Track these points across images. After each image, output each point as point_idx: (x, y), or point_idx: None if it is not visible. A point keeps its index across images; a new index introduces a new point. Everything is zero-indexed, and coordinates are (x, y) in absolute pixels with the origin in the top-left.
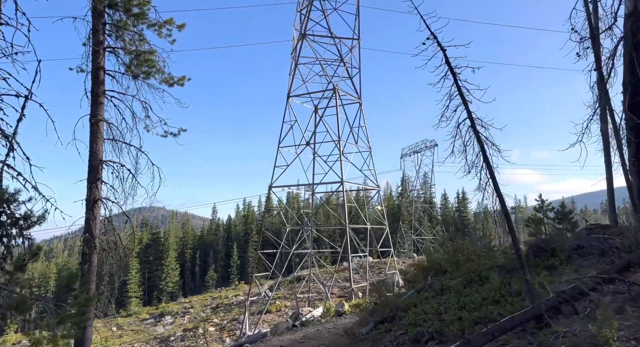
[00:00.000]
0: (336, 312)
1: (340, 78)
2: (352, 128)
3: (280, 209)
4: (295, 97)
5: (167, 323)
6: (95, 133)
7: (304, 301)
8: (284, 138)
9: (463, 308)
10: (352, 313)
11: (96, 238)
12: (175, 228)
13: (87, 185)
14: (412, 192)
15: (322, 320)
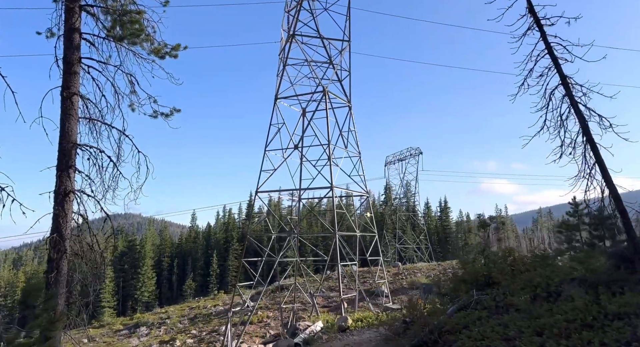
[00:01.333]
0: (339, 328)
1: (330, 81)
2: (342, 132)
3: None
4: (283, 99)
5: (142, 335)
6: (67, 110)
7: (288, 312)
8: (271, 141)
9: (542, 333)
10: (358, 329)
11: (66, 240)
12: (152, 235)
13: (56, 173)
14: (395, 200)
15: (324, 336)
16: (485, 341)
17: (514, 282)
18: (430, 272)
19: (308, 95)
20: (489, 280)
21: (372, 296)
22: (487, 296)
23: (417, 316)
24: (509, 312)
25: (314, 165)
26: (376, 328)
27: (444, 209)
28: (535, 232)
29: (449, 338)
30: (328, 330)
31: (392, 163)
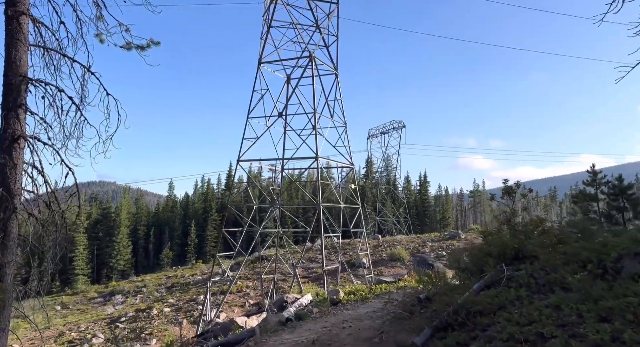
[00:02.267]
0: (330, 301)
1: (317, 46)
2: (328, 101)
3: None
4: (267, 64)
5: (118, 303)
6: (14, 33)
7: (268, 282)
8: (253, 108)
9: (609, 319)
10: (351, 303)
11: (16, 196)
12: (127, 204)
13: (0, 113)
14: (376, 173)
15: (315, 310)
16: (532, 326)
17: (554, 256)
18: (409, 244)
19: (293, 61)
20: (519, 253)
21: (352, 268)
22: (521, 272)
23: (434, 292)
24: (554, 291)
25: (298, 134)
26: (375, 301)
27: (424, 183)
28: None
29: (480, 321)
30: (318, 303)
31: (374, 136)
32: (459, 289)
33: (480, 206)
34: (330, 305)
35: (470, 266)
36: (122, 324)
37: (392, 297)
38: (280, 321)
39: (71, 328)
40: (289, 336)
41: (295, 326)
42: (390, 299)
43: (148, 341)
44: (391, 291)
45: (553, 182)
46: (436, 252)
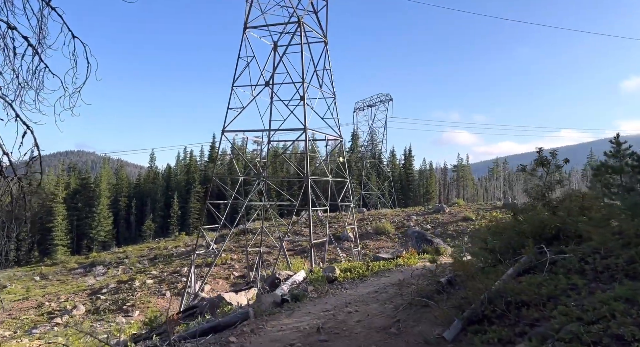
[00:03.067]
0: (328, 278)
1: (305, 11)
2: (317, 70)
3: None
4: (253, 29)
5: (99, 274)
6: None
7: (254, 255)
8: (239, 76)
9: None
10: (348, 280)
11: None
12: (107, 174)
13: None
14: (362, 147)
15: (310, 288)
16: (602, 325)
17: (607, 237)
18: (394, 218)
19: (280, 27)
20: (560, 233)
21: (338, 241)
22: (567, 256)
23: (469, 277)
24: (618, 279)
25: (286, 104)
26: (374, 280)
27: (408, 157)
28: (491, 180)
29: (526, 314)
30: (313, 281)
31: (361, 109)
32: (489, 273)
33: (464, 180)
34: (325, 282)
35: (501, 246)
36: (103, 295)
37: (394, 276)
38: (275, 301)
39: (51, 299)
40: (288, 320)
41: (293, 309)
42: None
43: (130, 313)
44: (390, 268)
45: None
46: (421, 226)
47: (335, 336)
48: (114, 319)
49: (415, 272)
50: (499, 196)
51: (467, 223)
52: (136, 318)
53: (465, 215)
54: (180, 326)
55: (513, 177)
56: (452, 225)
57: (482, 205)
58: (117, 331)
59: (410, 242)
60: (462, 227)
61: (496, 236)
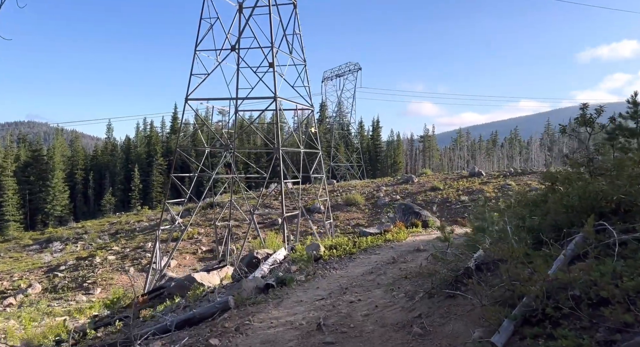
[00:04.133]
0: (312, 256)
1: None
2: (286, 35)
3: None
4: None
5: (56, 250)
6: None
7: (222, 229)
8: (202, 40)
9: None
10: (334, 258)
11: None
12: (61, 146)
13: None
14: (330, 118)
15: (294, 268)
16: None
17: None
18: (364, 189)
19: None
20: (620, 207)
21: (309, 213)
22: None
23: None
24: None
25: (254, 71)
26: (363, 258)
27: (376, 128)
28: (455, 150)
29: (610, 315)
30: (297, 261)
31: (329, 79)
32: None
33: (430, 150)
34: (309, 261)
35: (543, 224)
36: (61, 272)
37: (385, 253)
38: (258, 287)
39: (2, 277)
40: (278, 312)
41: (281, 296)
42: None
43: (92, 290)
44: (379, 244)
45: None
46: (390, 196)
47: (342, 337)
48: (73, 298)
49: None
50: (462, 166)
51: (435, 192)
52: (98, 296)
53: (433, 185)
54: (146, 311)
55: (476, 147)
56: (421, 195)
57: (449, 174)
58: (77, 311)
59: (397, 215)
60: (431, 196)
61: (535, 211)
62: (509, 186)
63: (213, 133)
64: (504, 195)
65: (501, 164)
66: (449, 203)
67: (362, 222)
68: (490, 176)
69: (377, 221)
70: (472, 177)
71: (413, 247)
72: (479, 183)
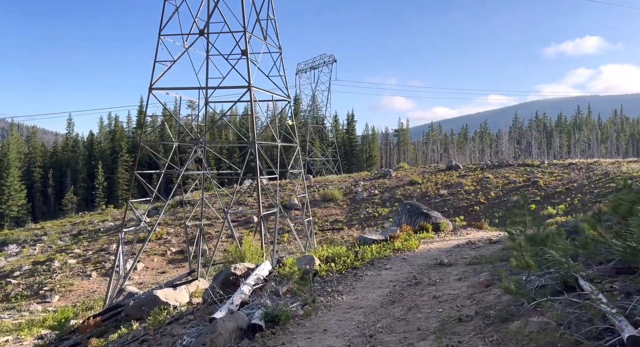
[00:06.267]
0: (304, 273)
1: None
2: (260, 19)
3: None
4: None
5: (11, 254)
6: None
7: (193, 228)
8: (166, 23)
9: None
10: (333, 274)
11: None
12: (16, 142)
13: None
14: (304, 112)
15: (282, 289)
16: None
17: None
18: (341, 184)
19: None
20: None
21: (285, 210)
22: None
23: None
24: None
25: (226, 58)
26: (372, 274)
27: (351, 122)
28: (428, 144)
29: None
30: (286, 278)
31: (303, 71)
32: None
33: (404, 144)
34: (302, 278)
35: None
36: (15, 279)
37: (398, 268)
38: (239, 328)
39: None
40: None
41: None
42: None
43: (49, 298)
44: (387, 255)
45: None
46: (369, 191)
47: None
48: (27, 307)
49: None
50: (436, 159)
51: (414, 187)
52: (55, 304)
53: (411, 179)
54: (95, 341)
55: (449, 141)
56: (400, 189)
57: (426, 168)
58: (27, 326)
59: (402, 216)
60: (409, 191)
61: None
62: (487, 178)
63: (182, 126)
64: (483, 188)
65: (473, 157)
66: (428, 197)
67: (341, 218)
68: (468, 169)
69: (356, 217)
70: (449, 170)
71: (431, 258)
72: (457, 176)
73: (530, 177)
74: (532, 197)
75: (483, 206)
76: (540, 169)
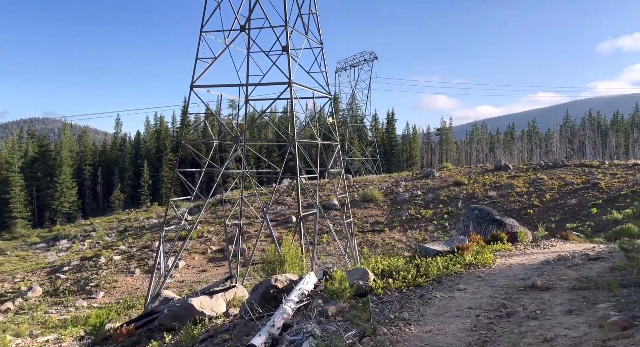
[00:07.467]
0: (357, 290)
1: None
2: (302, 14)
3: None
4: None
5: (62, 249)
6: None
7: (232, 227)
8: (208, 20)
9: None
10: (392, 292)
11: None
12: (69, 141)
13: None
14: (343, 111)
15: (331, 309)
16: None
17: None
18: (381, 184)
19: None
20: None
21: (324, 210)
22: None
23: None
24: None
25: (266, 54)
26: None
27: (391, 121)
28: (471, 144)
29: None
30: (334, 295)
31: (343, 70)
32: None
33: (447, 144)
34: (354, 296)
35: None
36: (64, 274)
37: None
38: None
39: (4, 279)
40: None
41: None
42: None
43: (94, 294)
44: (458, 271)
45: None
46: (411, 192)
47: None
48: (74, 303)
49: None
50: (482, 159)
51: (460, 188)
52: (100, 300)
53: (456, 179)
54: None
55: (494, 140)
56: (444, 190)
57: (472, 168)
58: (71, 323)
59: (469, 223)
60: (455, 192)
61: None
62: (541, 180)
63: (222, 124)
64: (536, 190)
65: (521, 157)
66: (475, 199)
67: (381, 219)
68: (518, 169)
69: (397, 218)
70: (498, 170)
71: (516, 278)
72: (506, 177)
73: (589, 179)
74: (592, 201)
75: (537, 209)
76: (601, 169)
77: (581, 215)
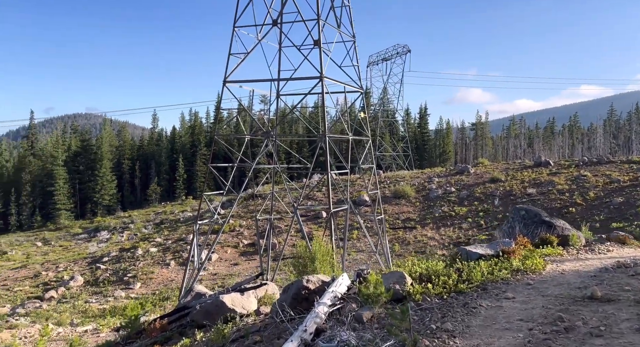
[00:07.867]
0: (393, 295)
1: None
2: (334, 7)
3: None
4: None
5: (102, 240)
6: None
7: (264, 221)
8: (241, 15)
9: None
10: (431, 298)
11: None
12: (109, 136)
13: None
14: (375, 105)
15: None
16: None
17: None
18: (413, 180)
19: None
20: None
21: (355, 206)
22: None
23: None
24: None
25: (298, 48)
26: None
27: (423, 116)
28: (509, 139)
29: None
30: (369, 299)
31: (375, 63)
32: None
33: (482, 139)
34: (390, 302)
35: None
36: (104, 264)
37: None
38: None
39: (49, 268)
40: None
41: None
42: None
43: (132, 285)
44: (505, 278)
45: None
46: (444, 188)
47: None
48: (112, 293)
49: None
50: (519, 155)
51: (496, 184)
52: (137, 291)
53: (493, 176)
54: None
55: (534, 135)
56: (480, 187)
57: (510, 164)
58: (110, 313)
59: (515, 225)
60: (491, 189)
61: None
62: (584, 177)
63: (253, 119)
64: (579, 188)
65: (561, 153)
66: (513, 196)
67: (413, 216)
68: (560, 165)
69: (429, 215)
70: (537, 167)
71: (571, 287)
72: (547, 174)
73: (637, 176)
74: None
75: (580, 207)
76: None
77: (628, 214)
